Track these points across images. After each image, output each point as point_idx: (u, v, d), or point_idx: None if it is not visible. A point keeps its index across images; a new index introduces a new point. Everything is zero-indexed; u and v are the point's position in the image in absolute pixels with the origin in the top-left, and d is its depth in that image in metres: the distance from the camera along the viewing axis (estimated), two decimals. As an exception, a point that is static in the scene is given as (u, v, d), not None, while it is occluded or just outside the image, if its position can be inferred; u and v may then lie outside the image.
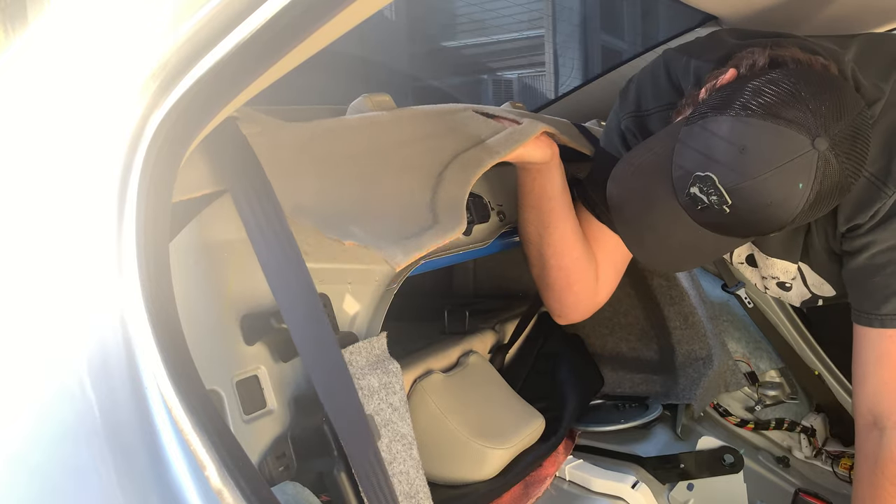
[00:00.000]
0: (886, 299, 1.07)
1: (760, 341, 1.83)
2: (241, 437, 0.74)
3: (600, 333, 1.79)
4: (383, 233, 0.80)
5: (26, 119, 0.78)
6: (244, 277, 0.82)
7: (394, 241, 0.79)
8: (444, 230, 0.84)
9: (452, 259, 1.18)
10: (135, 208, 0.66)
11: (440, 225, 0.85)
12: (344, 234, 0.77)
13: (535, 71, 9.20)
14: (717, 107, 0.97)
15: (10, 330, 0.76)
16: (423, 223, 0.85)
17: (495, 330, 1.55)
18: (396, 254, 0.77)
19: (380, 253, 0.76)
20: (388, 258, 0.76)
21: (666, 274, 1.64)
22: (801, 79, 0.94)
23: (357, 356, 0.87)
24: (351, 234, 0.77)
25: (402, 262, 0.77)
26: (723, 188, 0.93)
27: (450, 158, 1.00)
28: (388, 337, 0.93)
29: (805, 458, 1.75)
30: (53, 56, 0.74)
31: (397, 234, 0.81)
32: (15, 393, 0.74)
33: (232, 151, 0.78)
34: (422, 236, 0.82)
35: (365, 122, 0.99)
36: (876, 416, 1.08)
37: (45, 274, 0.73)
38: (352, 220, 0.79)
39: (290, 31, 0.59)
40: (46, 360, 0.72)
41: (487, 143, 1.06)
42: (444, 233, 0.84)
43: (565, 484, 1.34)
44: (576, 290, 1.30)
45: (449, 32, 9.13)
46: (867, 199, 1.04)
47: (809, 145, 0.89)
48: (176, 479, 0.63)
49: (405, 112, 1.06)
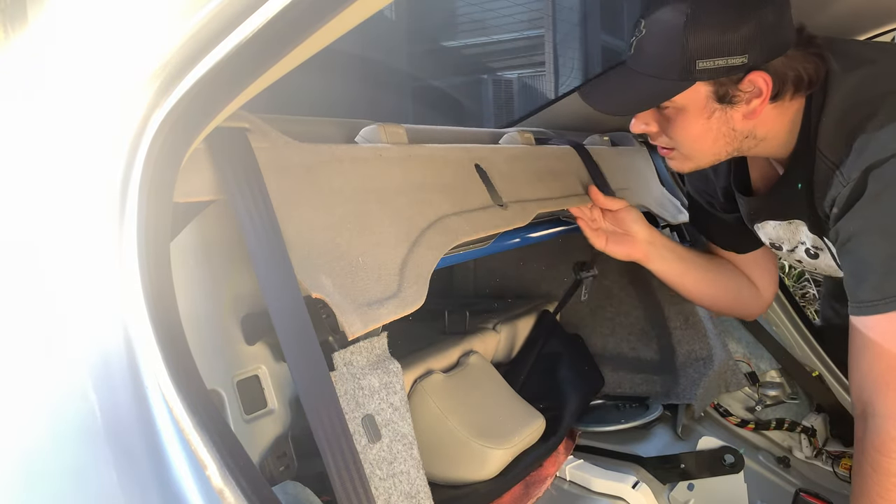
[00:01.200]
0: (858, 286, 1.11)
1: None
2: (241, 436, 0.74)
3: (601, 333, 1.79)
4: (351, 291, 0.84)
5: (26, 119, 0.78)
6: (245, 277, 0.82)
7: (356, 307, 0.83)
8: (403, 303, 0.89)
9: (452, 259, 1.18)
10: (136, 208, 0.66)
11: (402, 296, 0.90)
12: (315, 285, 0.81)
13: (535, 71, 9.19)
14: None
15: (10, 330, 0.76)
16: (389, 290, 0.89)
17: (495, 330, 1.55)
18: (355, 322, 0.82)
19: (340, 318, 0.81)
20: (347, 325, 0.81)
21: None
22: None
23: (357, 356, 0.87)
24: (321, 286, 0.81)
25: (358, 331, 0.82)
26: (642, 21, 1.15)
27: (436, 218, 1.03)
28: (389, 337, 0.93)
29: (805, 459, 1.75)
30: (54, 56, 0.74)
31: (362, 297, 0.85)
32: (15, 393, 0.74)
33: (238, 162, 0.79)
34: (383, 306, 0.87)
35: (372, 154, 1.01)
36: (864, 404, 1.11)
37: (46, 273, 0.73)
38: (327, 270, 0.83)
39: (290, 32, 0.59)
40: (47, 360, 0.72)
41: (472, 216, 1.10)
42: (404, 307, 0.89)
43: (566, 484, 1.34)
44: (742, 303, 1.54)
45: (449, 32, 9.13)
46: (828, 186, 1.13)
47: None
48: (177, 478, 0.63)
49: (414, 151, 1.08)
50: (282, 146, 0.87)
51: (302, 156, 0.89)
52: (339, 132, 1.08)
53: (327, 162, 0.92)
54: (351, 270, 0.86)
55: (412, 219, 1.00)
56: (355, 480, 0.74)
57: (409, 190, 1.03)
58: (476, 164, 1.19)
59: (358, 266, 0.87)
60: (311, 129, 1.03)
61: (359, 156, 0.98)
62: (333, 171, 0.92)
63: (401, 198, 1.00)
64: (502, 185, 1.20)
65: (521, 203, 1.21)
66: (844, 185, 1.11)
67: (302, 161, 0.89)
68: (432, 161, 1.10)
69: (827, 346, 1.78)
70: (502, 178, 1.22)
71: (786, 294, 1.84)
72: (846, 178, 1.10)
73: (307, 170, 0.89)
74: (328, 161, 0.93)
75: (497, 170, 1.22)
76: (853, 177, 1.09)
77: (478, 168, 1.18)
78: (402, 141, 1.09)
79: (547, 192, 1.31)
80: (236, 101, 0.67)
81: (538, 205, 1.25)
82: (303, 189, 0.87)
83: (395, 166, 1.03)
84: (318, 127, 1.06)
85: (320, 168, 0.91)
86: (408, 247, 0.96)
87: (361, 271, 0.87)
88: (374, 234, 0.92)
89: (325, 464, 0.73)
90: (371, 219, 0.93)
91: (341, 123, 1.09)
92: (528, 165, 1.32)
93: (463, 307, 1.53)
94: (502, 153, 1.28)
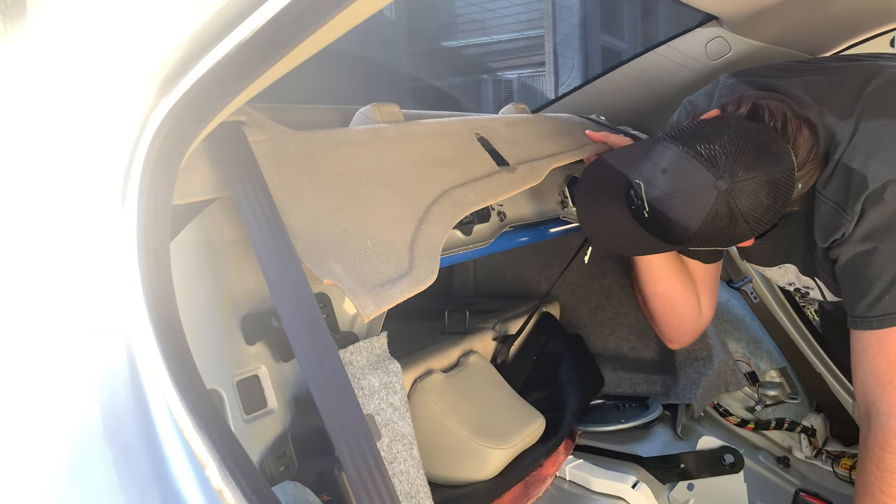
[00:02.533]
0: (855, 303, 1.16)
1: (761, 341, 1.83)
2: (241, 436, 0.74)
3: (601, 333, 1.79)
4: (361, 274, 0.83)
5: (26, 119, 0.78)
6: (245, 277, 0.82)
7: (368, 289, 0.82)
8: (416, 281, 0.88)
9: (453, 259, 1.18)
10: (135, 207, 0.66)
11: (413, 274, 0.88)
12: (325, 271, 0.79)
13: (535, 71, 9.20)
14: (673, 134, 1.13)
15: (10, 330, 0.76)
16: (399, 269, 0.88)
17: (495, 330, 1.55)
18: (368, 304, 0.81)
19: (354, 301, 0.79)
20: (360, 308, 0.80)
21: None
22: (742, 130, 1.09)
23: (357, 356, 0.87)
24: (331, 272, 0.80)
25: (372, 313, 0.81)
26: (644, 196, 1.12)
27: (441, 192, 1.02)
28: (389, 337, 0.93)
29: (805, 458, 1.75)
30: (54, 56, 0.74)
31: (374, 279, 0.84)
32: (15, 393, 0.74)
33: (236, 158, 0.79)
34: (395, 286, 0.85)
35: (370, 136, 1.00)
36: (867, 404, 1.15)
37: (46, 273, 0.73)
38: (335, 255, 0.82)
39: (290, 31, 0.59)
40: (47, 360, 0.72)
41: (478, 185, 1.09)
42: (417, 284, 0.88)
43: (565, 484, 1.34)
44: (679, 314, 1.47)
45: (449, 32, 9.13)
46: (834, 224, 1.16)
47: (712, 183, 1.05)
48: (176, 478, 0.63)
49: (411, 128, 1.07)
50: (279, 136, 0.86)
51: (300, 144, 0.88)
52: (335, 118, 1.07)
53: (326, 148, 0.91)
54: (360, 253, 0.85)
55: (417, 196, 0.98)
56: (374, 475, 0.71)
57: (410, 167, 1.01)
58: (476, 133, 1.17)
59: (367, 248, 0.86)
60: (308, 117, 1.03)
61: (357, 139, 0.97)
62: (333, 157, 0.91)
63: (403, 176, 0.99)
64: (507, 149, 1.19)
65: (530, 163, 1.19)
66: (851, 220, 1.13)
67: (300, 150, 0.88)
68: (430, 136, 1.09)
69: (827, 346, 1.78)
70: (506, 143, 1.20)
71: (786, 294, 1.84)
72: (852, 213, 1.13)
73: (306, 158, 0.88)
74: (326, 147, 0.92)
75: (499, 136, 1.21)
76: (857, 210, 1.12)
77: (478, 138, 1.17)
78: (398, 119, 1.07)
79: (557, 147, 1.29)
80: (236, 101, 0.67)
81: (549, 161, 1.23)
82: (304, 178, 0.86)
83: (393, 145, 1.01)
84: (314, 114, 1.05)
85: (319, 155, 0.90)
86: (415, 224, 0.94)
87: (371, 253, 0.86)
88: (379, 215, 0.91)
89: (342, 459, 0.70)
90: (375, 200, 0.92)
91: (337, 110, 1.09)
92: (531, 129, 1.30)
93: (463, 307, 1.53)
94: (501, 121, 1.27)
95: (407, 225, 0.93)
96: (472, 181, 1.08)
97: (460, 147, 1.13)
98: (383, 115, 1.05)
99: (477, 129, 1.18)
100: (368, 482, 0.70)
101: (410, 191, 0.98)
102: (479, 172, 1.11)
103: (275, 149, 0.84)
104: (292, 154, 0.86)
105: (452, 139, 1.12)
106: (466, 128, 1.17)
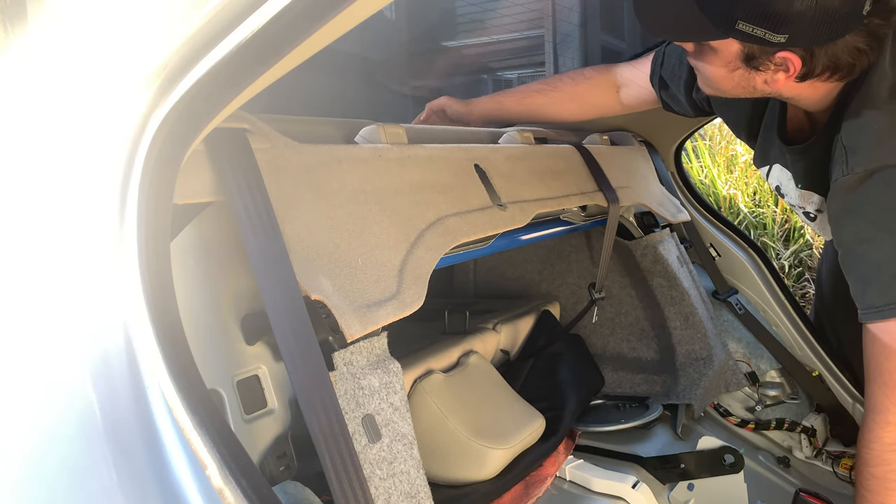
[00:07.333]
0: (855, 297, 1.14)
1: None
2: (241, 436, 0.74)
3: (601, 333, 1.79)
4: (349, 293, 0.84)
5: (27, 119, 0.79)
6: (245, 277, 0.82)
7: (355, 309, 0.83)
8: (403, 305, 0.89)
9: (453, 259, 1.18)
10: (136, 208, 0.66)
11: (400, 298, 0.89)
12: (314, 286, 0.80)
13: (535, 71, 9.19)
14: None
15: (10, 329, 0.76)
16: (387, 291, 0.89)
17: (495, 330, 1.55)
18: (354, 324, 0.82)
19: (339, 320, 0.80)
20: (345, 327, 0.81)
21: (666, 274, 1.64)
22: None
23: (358, 356, 0.87)
24: (320, 287, 0.81)
25: (357, 333, 0.82)
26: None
27: (436, 218, 1.03)
28: (389, 337, 0.93)
29: (805, 459, 1.75)
30: (54, 56, 0.74)
31: (361, 299, 0.85)
32: (15, 393, 0.74)
33: (238, 163, 0.79)
34: (382, 308, 0.86)
35: (372, 154, 1.01)
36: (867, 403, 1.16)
37: (46, 273, 0.73)
38: (326, 271, 0.83)
39: (290, 32, 0.59)
40: (47, 360, 0.72)
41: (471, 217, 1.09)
42: (403, 308, 0.89)
43: (566, 484, 1.34)
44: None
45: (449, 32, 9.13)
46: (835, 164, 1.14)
47: None
48: (177, 478, 0.63)
49: (413, 151, 1.08)
50: (281, 147, 0.87)
51: (301, 157, 0.89)
52: (338, 132, 1.08)
53: (327, 163, 0.92)
54: (350, 272, 0.86)
55: (411, 219, 1.00)
56: (353, 481, 0.74)
57: (408, 190, 1.03)
58: (475, 164, 1.19)
59: (357, 268, 0.87)
60: (311, 130, 1.03)
61: (358, 156, 0.98)
62: (333, 172, 0.92)
63: (400, 198, 1.00)
64: (501, 185, 1.20)
65: (520, 203, 1.21)
66: (844, 175, 1.11)
67: (301, 162, 0.89)
68: (432, 161, 1.10)
69: (826, 345, 1.78)
70: (501, 179, 1.22)
71: (786, 294, 1.84)
72: (849, 168, 1.10)
73: (307, 171, 0.89)
74: (328, 162, 0.93)
75: (496, 170, 1.22)
76: (857, 170, 1.10)
77: (477, 168, 1.18)
78: (401, 141, 1.09)
79: (546, 191, 1.31)
80: (236, 101, 0.67)
81: (537, 205, 1.25)
82: (302, 190, 0.87)
83: (394, 167, 1.03)
84: (317, 127, 1.06)
85: (320, 169, 0.91)
86: (407, 248, 0.96)
87: (360, 273, 0.87)
88: (373, 235, 0.92)
89: (323, 464, 0.73)
90: (370, 220, 0.93)
91: (341, 123, 1.10)
92: (528, 165, 1.32)
93: (463, 307, 1.53)
94: (502, 153, 1.28)
95: (399, 247, 0.94)
96: (466, 212, 1.09)
97: (459, 176, 1.14)
98: (387, 135, 1.07)
99: (476, 159, 1.20)
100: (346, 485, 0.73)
101: (406, 214, 0.99)
102: (474, 204, 1.12)
103: (276, 158, 0.85)
104: (294, 165, 0.87)
105: (452, 167, 1.14)
106: (467, 157, 1.19)
